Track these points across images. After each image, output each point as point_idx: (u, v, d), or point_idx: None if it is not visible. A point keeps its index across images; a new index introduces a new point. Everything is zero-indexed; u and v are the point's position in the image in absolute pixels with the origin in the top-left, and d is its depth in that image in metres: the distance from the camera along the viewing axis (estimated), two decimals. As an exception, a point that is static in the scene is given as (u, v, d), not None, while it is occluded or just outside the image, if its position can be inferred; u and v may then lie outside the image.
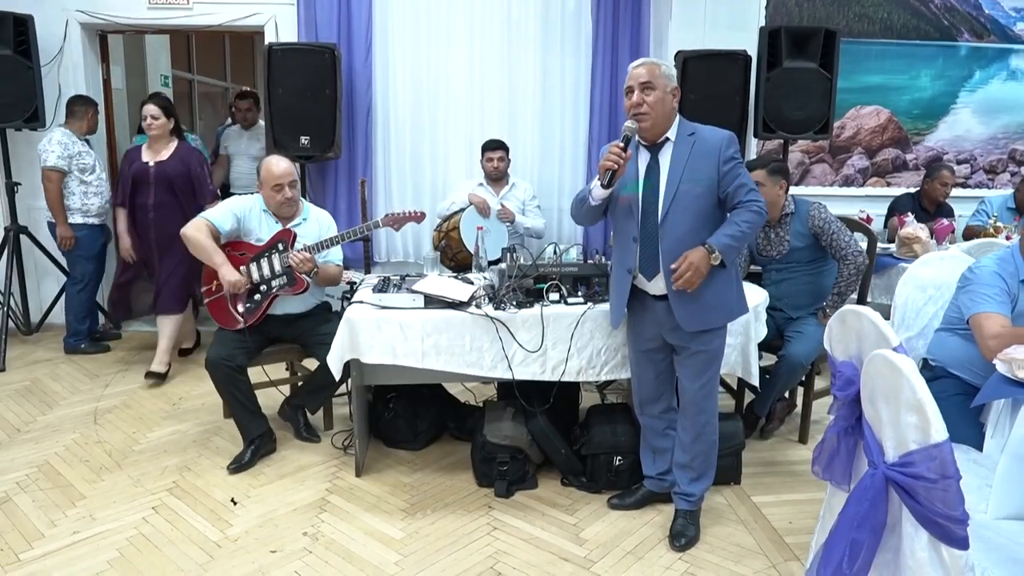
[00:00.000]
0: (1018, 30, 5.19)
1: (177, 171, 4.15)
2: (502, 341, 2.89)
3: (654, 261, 2.48)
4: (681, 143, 2.47)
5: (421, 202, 4.98)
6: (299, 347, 3.39)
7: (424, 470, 3.18)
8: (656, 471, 2.84)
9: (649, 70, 2.42)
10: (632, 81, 2.44)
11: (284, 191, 3.21)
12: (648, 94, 2.41)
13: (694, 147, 2.46)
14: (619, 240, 2.59)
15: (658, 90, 2.41)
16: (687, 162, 2.45)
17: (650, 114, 2.41)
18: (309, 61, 4.32)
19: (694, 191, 2.46)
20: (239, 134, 5.40)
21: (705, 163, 2.46)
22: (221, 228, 3.19)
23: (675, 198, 2.44)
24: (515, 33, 4.87)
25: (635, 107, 2.42)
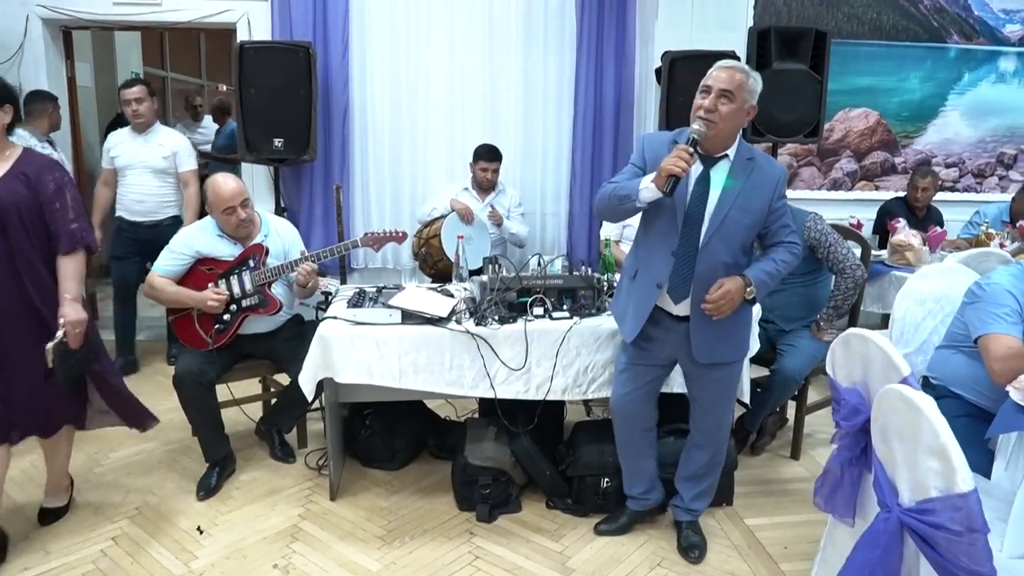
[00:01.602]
0: (1007, 32, 5.12)
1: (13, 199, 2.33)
2: (484, 359, 2.75)
3: (686, 283, 2.32)
4: (739, 166, 2.30)
5: (400, 207, 4.82)
6: (269, 362, 3.22)
7: (402, 492, 3.03)
8: (638, 491, 2.71)
9: (733, 78, 2.20)
10: (712, 82, 2.21)
11: (237, 213, 2.93)
12: (724, 103, 2.20)
13: (752, 175, 2.30)
14: (650, 249, 2.38)
15: (736, 103, 2.21)
16: (742, 189, 2.28)
17: (718, 124, 2.21)
18: (283, 60, 4.14)
19: (743, 221, 2.31)
20: (131, 139, 4.19)
21: (759, 195, 2.32)
22: (171, 273, 2.99)
23: (723, 223, 2.28)
24: (497, 32, 4.72)
25: (706, 111, 2.20)
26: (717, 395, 2.54)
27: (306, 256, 3.04)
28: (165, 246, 3.04)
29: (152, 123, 4.19)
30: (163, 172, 4.21)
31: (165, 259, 3.01)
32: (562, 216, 5.01)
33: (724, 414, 2.62)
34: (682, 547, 2.63)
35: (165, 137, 4.25)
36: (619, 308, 2.56)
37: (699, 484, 2.67)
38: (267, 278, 3.00)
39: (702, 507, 2.71)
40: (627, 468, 2.72)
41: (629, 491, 2.73)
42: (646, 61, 4.82)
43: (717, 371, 2.48)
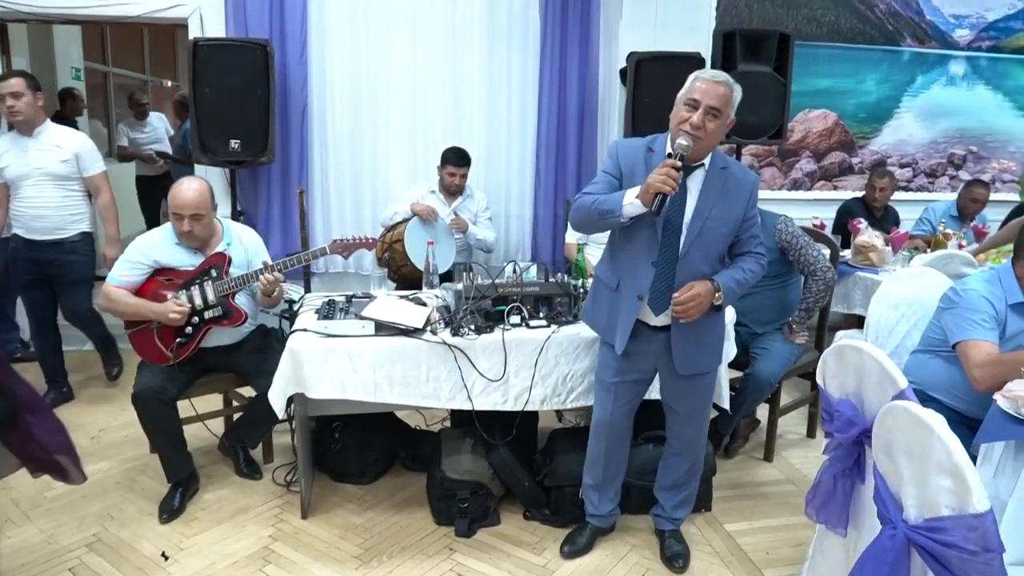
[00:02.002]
0: (957, 36, 5.25)
1: None
2: (461, 370, 2.67)
3: (666, 294, 2.28)
4: (713, 174, 2.27)
5: (361, 210, 4.69)
6: (233, 375, 3.08)
7: (376, 508, 2.94)
8: (602, 511, 2.68)
9: (724, 96, 2.15)
10: (701, 96, 2.14)
11: (182, 223, 2.78)
12: (711, 120, 2.16)
13: (726, 183, 2.28)
14: (630, 260, 2.32)
15: (722, 119, 2.18)
16: (718, 197, 2.26)
17: (703, 140, 2.18)
18: (239, 58, 3.97)
19: (720, 230, 2.30)
20: (17, 144, 3.55)
21: (735, 203, 2.30)
22: (128, 284, 2.83)
23: (700, 232, 2.26)
24: (460, 31, 4.63)
25: (693, 127, 2.14)
26: (696, 405, 2.52)
27: (271, 265, 2.91)
28: (75, 265, 2.79)
29: (38, 121, 3.55)
30: (65, 179, 3.59)
31: (121, 269, 2.86)
32: (527, 219, 4.95)
33: (703, 422, 2.61)
34: (666, 556, 2.61)
35: (61, 137, 3.62)
36: (600, 318, 2.49)
37: (680, 493, 2.65)
38: (230, 288, 2.87)
39: (684, 515, 2.70)
40: (603, 488, 2.66)
41: (598, 511, 2.68)
42: (610, 61, 4.79)
43: (696, 380, 2.47)
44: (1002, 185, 5.53)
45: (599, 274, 2.50)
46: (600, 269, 2.50)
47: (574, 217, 2.35)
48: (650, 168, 2.23)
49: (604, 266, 2.47)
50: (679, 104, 2.21)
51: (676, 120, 2.20)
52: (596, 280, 2.53)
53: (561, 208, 4.87)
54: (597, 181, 2.35)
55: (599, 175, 2.37)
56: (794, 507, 2.97)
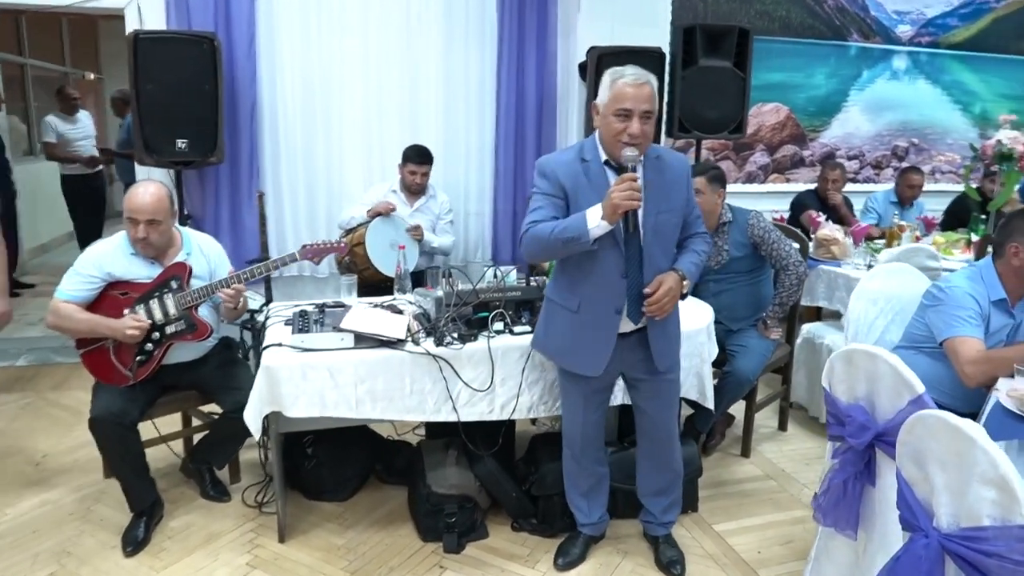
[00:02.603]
0: (899, 32, 5.41)
1: None
2: (446, 381, 2.58)
3: (639, 300, 2.22)
4: (650, 167, 2.22)
5: (315, 211, 4.50)
6: (197, 393, 2.90)
7: (357, 526, 2.81)
8: (593, 519, 2.63)
9: (652, 95, 2.12)
10: (632, 105, 2.09)
11: (137, 229, 2.59)
12: (647, 123, 2.12)
13: (665, 173, 2.25)
14: (595, 278, 2.24)
15: (654, 116, 2.16)
16: (663, 189, 2.23)
17: (643, 145, 2.14)
18: (185, 52, 3.73)
19: (672, 221, 2.28)
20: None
21: (677, 191, 2.28)
22: (80, 299, 2.62)
23: (656, 229, 2.22)
24: (415, 24, 4.48)
25: (633, 138, 2.09)
26: (666, 400, 2.49)
27: (235, 274, 2.74)
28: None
29: None
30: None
31: (71, 283, 2.64)
32: (486, 216, 4.86)
33: (673, 418, 2.58)
34: (662, 563, 2.57)
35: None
36: (556, 343, 2.40)
37: (667, 496, 2.61)
38: (193, 300, 2.68)
39: (675, 518, 2.65)
40: (592, 495, 2.61)
41: (589, 518, 2.63)
42: (568, 56, 4.73)
43: (667, 376, 2.44)
44: (941, 176, 5.74)
45: (552, 297, 2.39)
46: (554, 292, 2.38)
47: (531, 249, 2.23)
48: (592, 180, 2.19)
49: (559, 288, 2.36)
50: (607, 115, 2.14)
51: (611, 133, 2.13)
52: (549, 303, 2.41)
53: (521, 205, 4.80)
54: (541, 206, 2.22)
55: (538, 199, 2.24)
56: (777, 503, 2.99)
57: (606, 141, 2.19)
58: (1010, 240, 2.33)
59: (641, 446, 2.59)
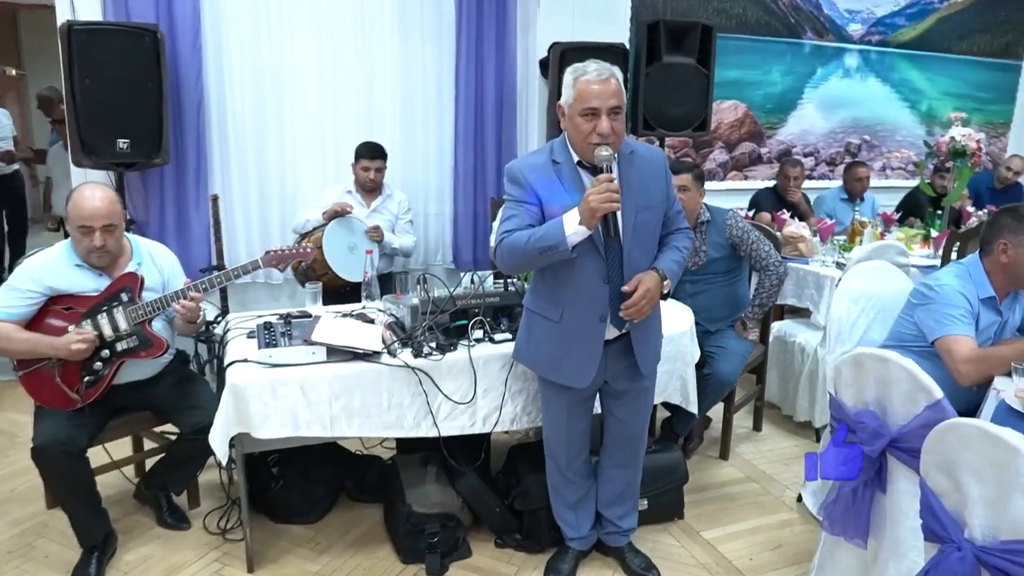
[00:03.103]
0: (851, 31, 5.48)
1: None
2: (426, 394, 2.43)
3: None
4: (625, 164, 2.11)
5: (267, 216, 4.27)
6: (152, 413, 2.68)
7: (332, 550, 2.64)
8: (581, 532, 2.52)
9: (618, 90, 2.02)
10: (598, 103, 1.98)
11: (93, 237, 2.37)
12: (616, 119, 2.01)
13: (641, 169, 2.15)
14: (576, 285, 2.12)
15: (623, 111, 2.05)
16: (639, 186, 2.13)
17: (615, 143, 2.03)
18: (125, 46, 3.47)
19: (651, 221, 2.18)
20: None
21: (655, 188, 2.18)
22: (18, 316, 2.38)
23: (635, 230, 2.12)
24: (369, 17, 4.29)
25: (604, 137, 1.99)
26: (642, 406, 2.42)
27: (192, 284, 2.53)
28: None
29: None
30: None
31: (6, 299, 2.39)
32: (446, 217, 4.71)
33: (646, 424, 2.51)
34: (635, 573, 2.49)
35: None
36: (540, 355, 2.28)
37: (625, 503, 2.53)
38: (147, 314, 2.47)
39: (635, 524, 2.57)
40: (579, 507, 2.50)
41: (578, 532, 2.52)
42: (527, 51, 4.62)
43: (646, 383, 2.37)
44: (891, 172, 5.85)
45: (532, 307, 2.28)
46: (534, 302, 2.27)
47: (507, 261, 2.11)
48: (566, 184, 2.09)
49: (538, 298, 2.25)
50: (573, 116, 2.04)
51: (580, 135, 2.03)
52: (529, 314, 2.30)
53: (482, 205, 4.68)
54: (514, 214, 2.10)
55: (511, 207, 2.13)
56: (762, 507, 2.95)
57: (576, 143, 2.09)
58: (998, 237, 2.32)
59: (608, 453, 2.49)
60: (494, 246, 2.14)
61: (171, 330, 2.67)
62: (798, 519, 2.86)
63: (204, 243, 4.07)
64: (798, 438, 3.56)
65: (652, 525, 2.76)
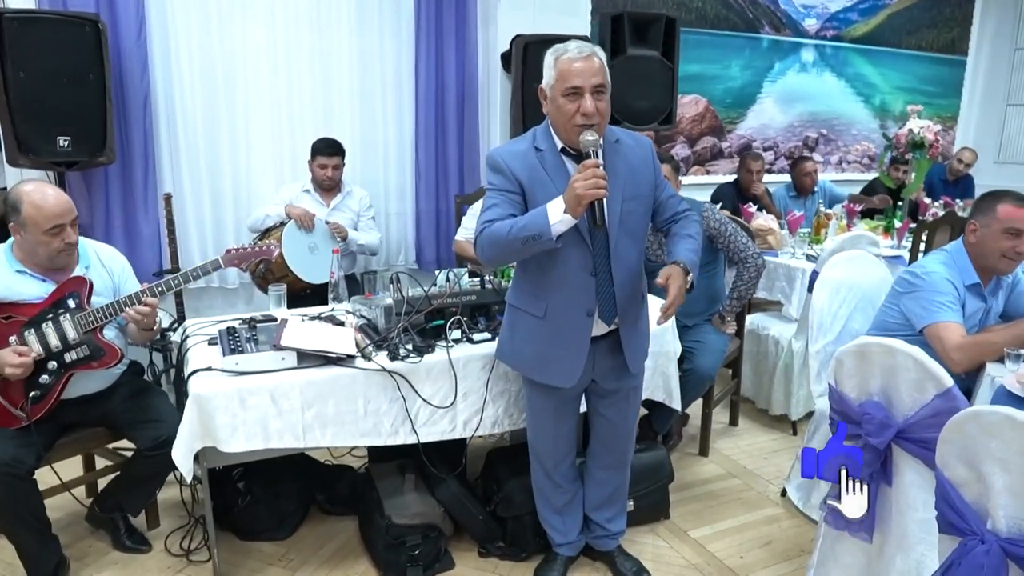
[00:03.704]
0: (807, 26, 5.53)
1: None
2: (404, 399, 2.30)
3: (611, 299, 2.05)
4: (610, 152, 2.01)
5: (221, 214, 4.06)
6: (106, 429, 2.48)
7: (306, 567, 2.49)
8: (569, 537, 2.43)
9: (600, 68, 1.92)
10: (581, 81, 1.88)
11: (67, 233, 2.23)
12: (600, 99, 1.92)
13: (627, 157, 2.05)
14: (560, 279, 2.03)
15: (607, 91, 1.95)
16: (626, 175, 2.03)
17: (601, 124, 1.94)
18: (63, 36, 3.23)
19: (638, 210, 2.09)
20: None
21: (643, 176, 2.09)
22: None
23: (622, 219, 2.03)
24: (325, 9, 4.13)
25: (588, 117, 1.89)
26: (628, 406, 2.34)
27: (147, 288, 2.35)
28: None
29: None
30: None
31: None
32: (408, 215, 4.57)
33: (634, 424, 2.42)
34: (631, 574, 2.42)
35: None
36: (524, 353, 2.18)
37: (614, 506, 2.46)
38: (97, 322, 2.28)
39: (624, 527, 2.49)
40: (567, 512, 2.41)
41: (567, 538, 2.43)
42: (488, 44, 4.52)
43: (634, 381, 2.30)
44: (848, 165, 5.93)
45: (514, 303, 2.18)
46: (516, 297, 2.17)
47: (488, 253, 1.99)
48: (550, 171, 1.99)
49: (520, 293, 2.15)
50: (556, 98, 1.94)
51: (563, 116, 1.93)
52: (512, 311, 2.20)
53: (444, 203, 4.55)
54: (495, 203, 1.99)
55: (492, 196, 2.01)
56: (747, 503, 2.90)
57: (560, 127, 1.98)
58: (970, 218, 2.34)
59: (596, 455, 2.41)
60: (474, 236, 2.02)
61: (124, 339, 2.49)
62: (784, 514, 2.82)
63: (154, 245, 3.85)
64: (775, 432, 3.54)
65: (639, 526, 2.68)
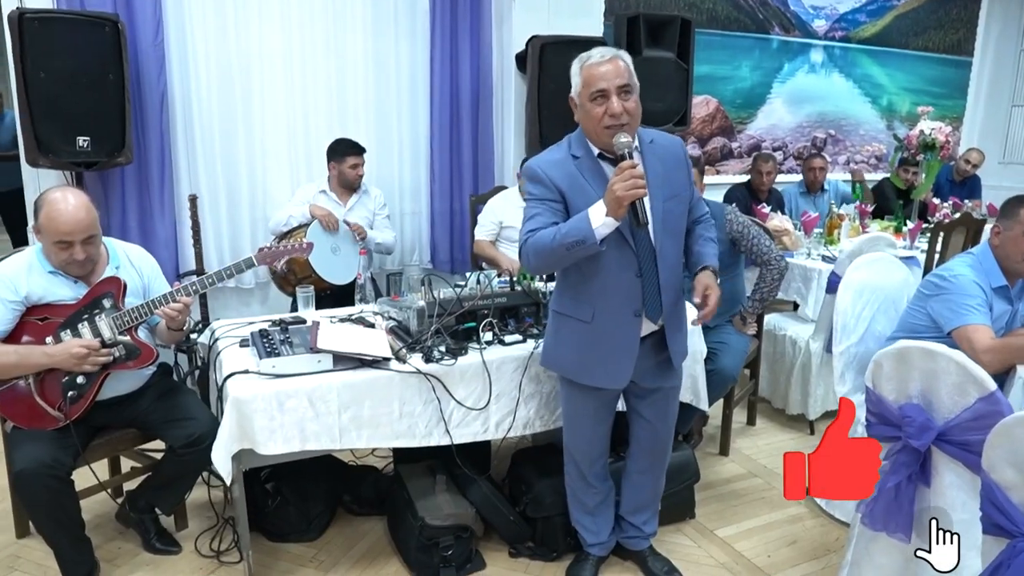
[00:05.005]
0: (815, 26, 5.56)
1: None
2: (439, 401, 2.32)
3: (656, 299, 2.07)
4: (647, 153, 2.06)
5: (237, 214, 4.05)
6: (136, 430, 2.48)
7: (338, 568, 2.50)
8: (601, 538, 2.45)
9: (625, 69, 1.96)
10: (606, 83, 1.92)
11: (74, 251, 2.19)
12: (628, 99, 1.95)
13: (663, 157, 2.09)
14: (606, 282, 2.05)
15: (635, 92, 1.98)
16: (663, 175, 2.07)
17: (631, 124, 1.97)
18: (82, 37, 3.23)
19: (677, 209, 2.12)
20: None
21: (679, 175, 2.13)
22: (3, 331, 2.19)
23: (664, 220, 2.06)
24: (340, 10, 4.13)
25: (616, 117, 1.93)
26: (668, 406, 2.36)
27: (180, 287, 2.35)
28: None
29: None
30: None
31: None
32: (423, 216, 4.58)
33: (672, 428, 2.43)
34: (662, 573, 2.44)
35: None
36: (568, 357, 2.19)
37: (649, 508, 2.49)
38: (132, 321, 2.28)
39: (656, 528, 2.52)
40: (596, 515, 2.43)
41: (599, 538, 2.45)
42: (502, 45, 4.52)
43: (674, 378, 2.31)
44: (855, 166, 5.97)
45: (560, 309, 2.19)
46: (561, 304, 2.18)
47: (534, 262, 2.01)
48: (589, 178, 2.02)
49: (565, 299, 2.16)
50: (584, 103, 1.98)
51: (593, 121, 1.97)
52: (557, 317, 2.21)
53: (458, 202, 4.56)
54: (537, 213, 2.01)
55: (534, 206, 2.04)
56: (771, 502, 2.93)
57: (592, 132, 2.02)
58: (996, 222, 2.37)
59: (635, 458, 2.42)
60: (519, 247, 2.04)
61: (154, 339, 2.49)
62: (808, 513, 2.85)
63: (170, 246, 3.84)
64: (793, 431, 3.57)
65: (665, 526, 2.69)
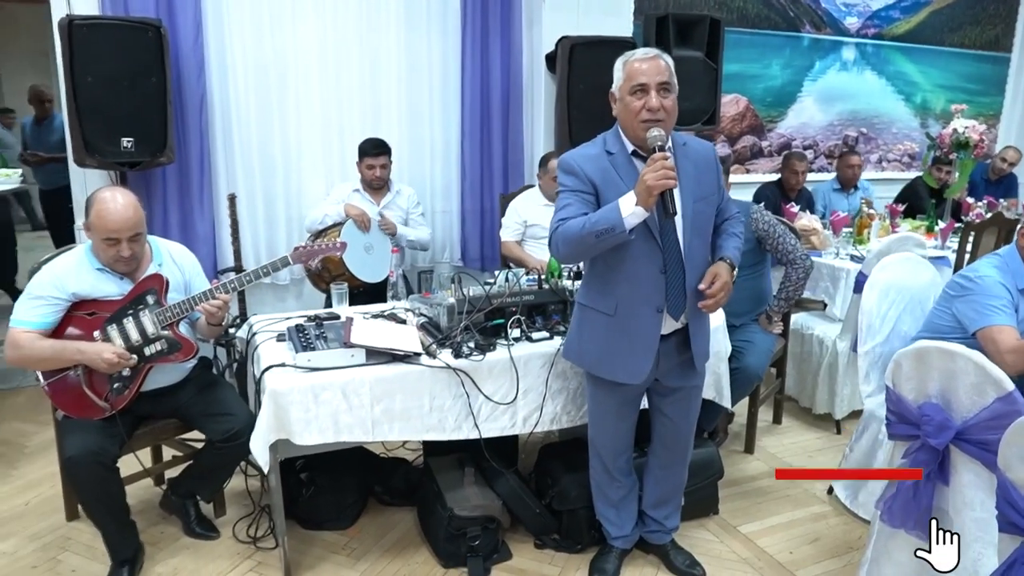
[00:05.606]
0: (847, 24, 5.52)
1: None
2: (468, 396, 2.39)
3: (680, 297, 2.11)
4: (679, 154, 2.11)
5: (273, 213, 4.17)
6: (177, 421, 2.60)
7: (368, 556, 2.59)
8: (625, 531, 2.50)
9: (666, 68, 2.03)
10: (646, 78, 1.99)
11: (121, 248, 2.30)
12: (667, 97, 2.02)
13: (695, 159, 2.14)
14: (631, 276, 2.10)
15: (673, 92, 2.05)
16: (695, 176, 2.12)
17: (667, 122, 2.03)
18: (126, 41, 3.35)
19: (706, 211, 2.18)
20: None
21: (709, 177, 2.18)
22: (44, 326, 2.30)
23: (693, 219, 2.11)
24: (374, 11, 4.22)
25: (652, 112, 1.99)
26: (690, 405, 2.40)
27: (220, 284, 2.45)
28: None
29: None
30: None
31: (28, 309, 2.29)
32: (453, 214, 4.66)
33: (693, 425, 2.47)
34: (680, 570, 2.49)
35: None
36: (592, 353, 2.23)
37: (671, 503, 2.53)
38: (174, 316, 2.39)
39: (678, 523, 2.57)
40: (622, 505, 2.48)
41: (622, 531, 2.50)
42: (533, 45, 4.58)
43: (696, 378, 2.35)
44: (888, 164, 5.92)
45: (585, 302, 2.24)
46: (587, 297, 2.23)
47: (563, 250, 2.07)
48: (620, 172, 2.07)
49: (590, 292, 2.22)
50: (623, 97, 2.05)
51: (631, 114, 2.02)
52: (581, 309, 2.26)
53: (489, 201, 4.63)
54: (569, 203, 2.07)
55: (566, 196, 2.09)
56: (794, 500, 2.96)
57: (628, 126, 2.07)
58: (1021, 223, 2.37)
59: (656, 453, 2.47)
60: (549, 235, 2.10)
61: (194, 333, 2.59)
62: (831, 511, 2.87)
63: (208, 243, 3.96)
64: (819, 430, 3.58)
65: (688, 521, 2.74)
